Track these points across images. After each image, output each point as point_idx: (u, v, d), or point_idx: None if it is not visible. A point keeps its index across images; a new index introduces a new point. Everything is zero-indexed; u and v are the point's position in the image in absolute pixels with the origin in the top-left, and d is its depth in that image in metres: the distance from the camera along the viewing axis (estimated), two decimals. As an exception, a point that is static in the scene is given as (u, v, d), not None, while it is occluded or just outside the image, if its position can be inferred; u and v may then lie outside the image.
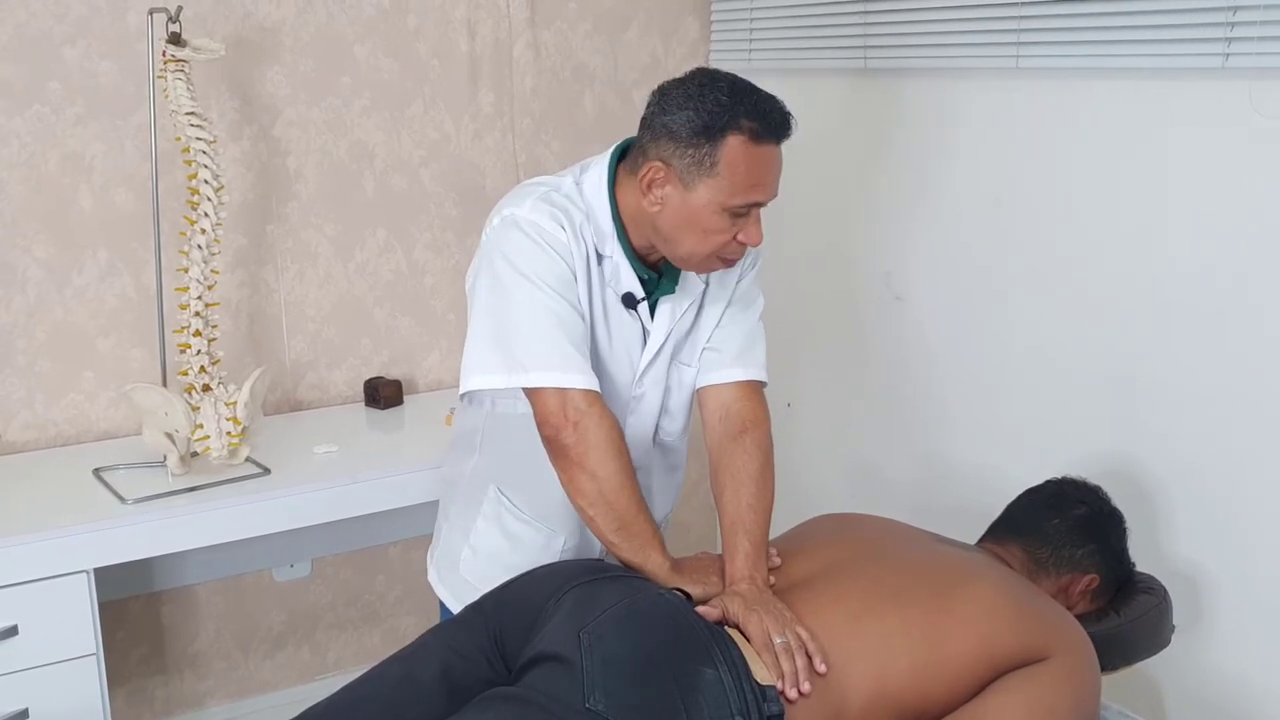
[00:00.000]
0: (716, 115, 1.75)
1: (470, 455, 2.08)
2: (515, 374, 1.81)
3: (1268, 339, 2.13)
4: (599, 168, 1.92)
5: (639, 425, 2.00)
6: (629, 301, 1.92)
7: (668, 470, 2.12)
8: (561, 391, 1.80)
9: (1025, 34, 2.42)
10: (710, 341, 2.01)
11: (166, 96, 2.32)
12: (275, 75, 2.76)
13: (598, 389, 1.83)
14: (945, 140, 2.69)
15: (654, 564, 1.83)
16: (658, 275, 1.94)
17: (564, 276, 1.83)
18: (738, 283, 2.02)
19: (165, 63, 2.30)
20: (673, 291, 1.95)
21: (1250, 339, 2.16)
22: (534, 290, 1.81)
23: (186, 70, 2.32)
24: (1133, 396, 2.37)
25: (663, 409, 2.02)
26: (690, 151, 1.77)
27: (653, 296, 1.94)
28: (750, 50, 3.12)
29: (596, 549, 2.01)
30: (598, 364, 1.90)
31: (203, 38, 2.36)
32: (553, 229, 1.83)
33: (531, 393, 1.83)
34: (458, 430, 2.13)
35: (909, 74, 2.75)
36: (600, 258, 1.89)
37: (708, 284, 1.99)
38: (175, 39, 2.28)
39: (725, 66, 3.15)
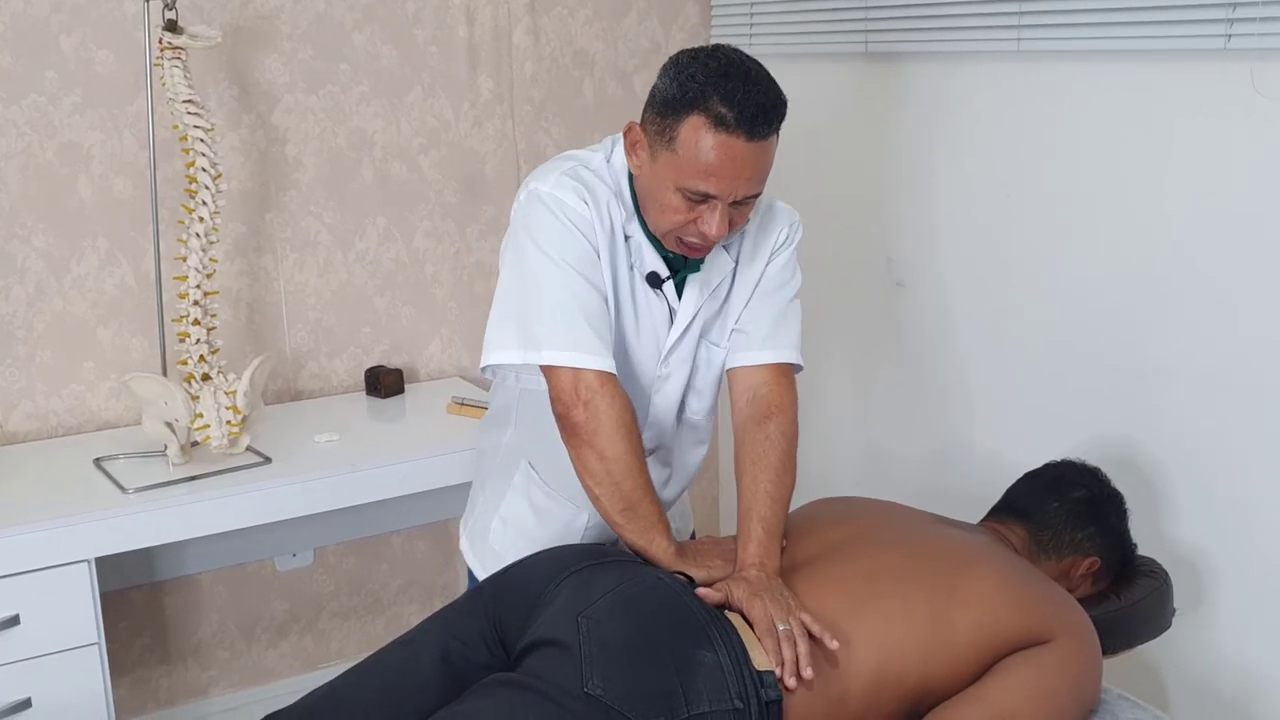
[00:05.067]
0: (687, 89, 1.69)
1: (505, 429, 2.09)
2: (530, 351, 1.80)
3: (1270, 322, 2.12)
4: (623, 144, 1.88)
5: (664, 404, 1.98)
6: (653, 281, 1.89)
7: (694, 445, 2.10)
8: (575, 371, 1.78)
9: (1026, 16, 2.41)
10: (739, 322, 1.98)
11: (163, 84, 2.31)
12: (273, 63, 2.75)
13: (613, 370, 1.80)
14: (946, 124, 2.68)
15: (658, 547, 1.83)
16: (683, 256, 1.90)
17: (585, 253, 1.81)
18: (768, 262, 1.97)
19: (162, 50, 2.29)
20: (698, 270, 1.91)
21: (1253, 322, 2.15)
22: (553, 268, 1.79)
23: (183, 58, 2.31)
24: (1136, 380, 2.36)
25: (689, 387, 2.00)
26: (658, 120, 1.73)
27: (679, 275, 1.91)
28: (750, 35, 3.10)
29: None
30: (622, 343, 1.89)
31: (200, 25, 2.35)
32: (575, 204, 1.80)
33: (546, 370, 1.81)
34: (494, 404, 2.14)
35: (910, 58, 2.73)
36: (626, 236, 1.86)
37: (738, 261, 1.95)
38: (172, 26, 2.28)
39: (725, 52, 3.19)
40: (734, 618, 1.68)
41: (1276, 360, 2.12)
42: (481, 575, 2.06)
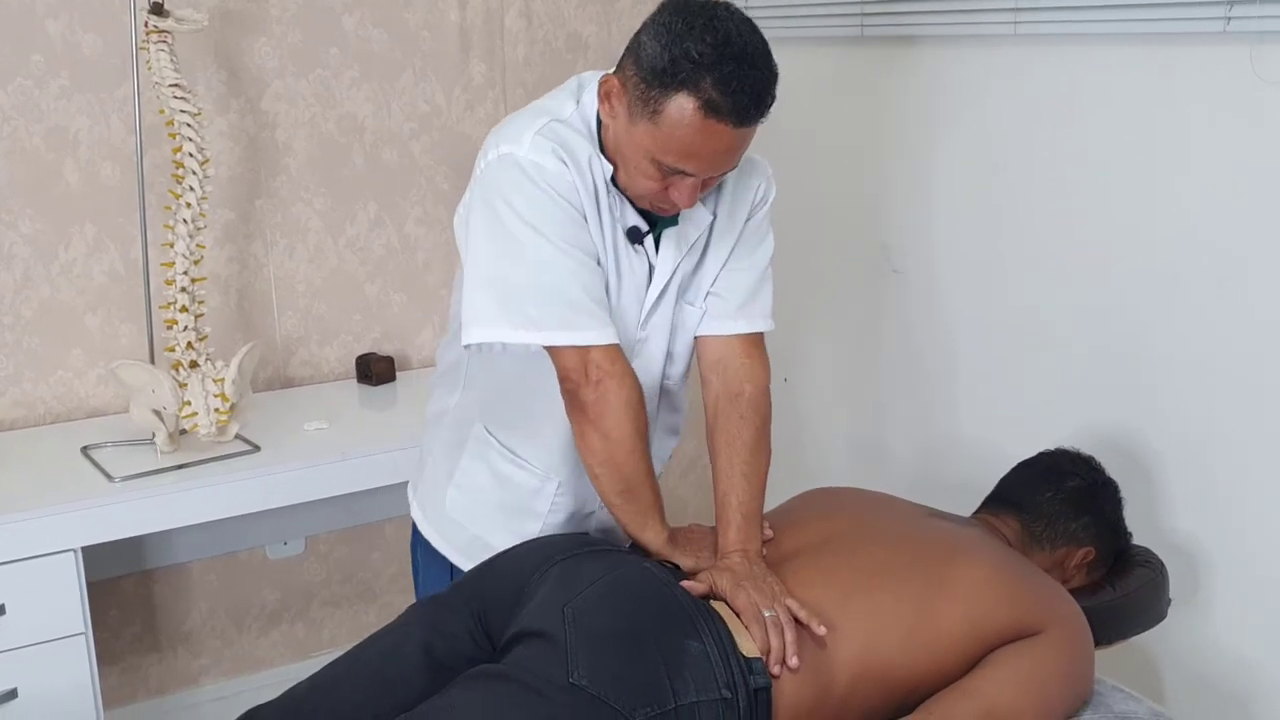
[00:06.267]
0: (680, 64, 1.57)
1: (454, 390, 1.98)
2: (528, 331, 1.69)
3: (1268, 309, 2.10)
4: (592, 89, 1.75)
5: (644, 369, 1.86)
6: (634, 236, 1.79)
7: (669, 411, 2.02)
8: (581, 349, 1.70)
9: (1023, -1, 2.39)
10: (715, 286, 1.88)
11: (149, 69, 2.28)
12: (262, 47, 2.72)
13: (617, 340, 1.72)
14: (943, 108, 2.66)
15: (652, 531, 1.80)
16: None
17: (574, 220, 1.70)
18: (747, 220, 1.88)
19: (148, 34, 2.27)
20: (675, 224, 1.81)
21: (1251, 310, 2.13)
22: (542, 242, 1.68)
23: (170, 42, 2.28)
24: (1133, 369, 2.34)
25: (667, 354, 1.91)
26: (642, 86, 1.61)
27: (656, 230, 1.81)
28: (745, 19, 3.08)
29: (596, 499, 1.92)
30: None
31: (186, 8, 2.33)
32: (556, 169, 1.68)
33: (550, 348, 1.73)
34: (442, 364, 2.03)
35: (905, 41, 2.71)
36: (608, 189, 1.75)
37: (715, 215, 1.85)
38: (158, 9, 2.25)
39: (720, 36, 3.17)
40: (719, 606, 1.66)
41: (1272, 347, 2.10)
42: (442, 546, 2.01)
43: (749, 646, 1.60)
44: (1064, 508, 1.95)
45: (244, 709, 1.73)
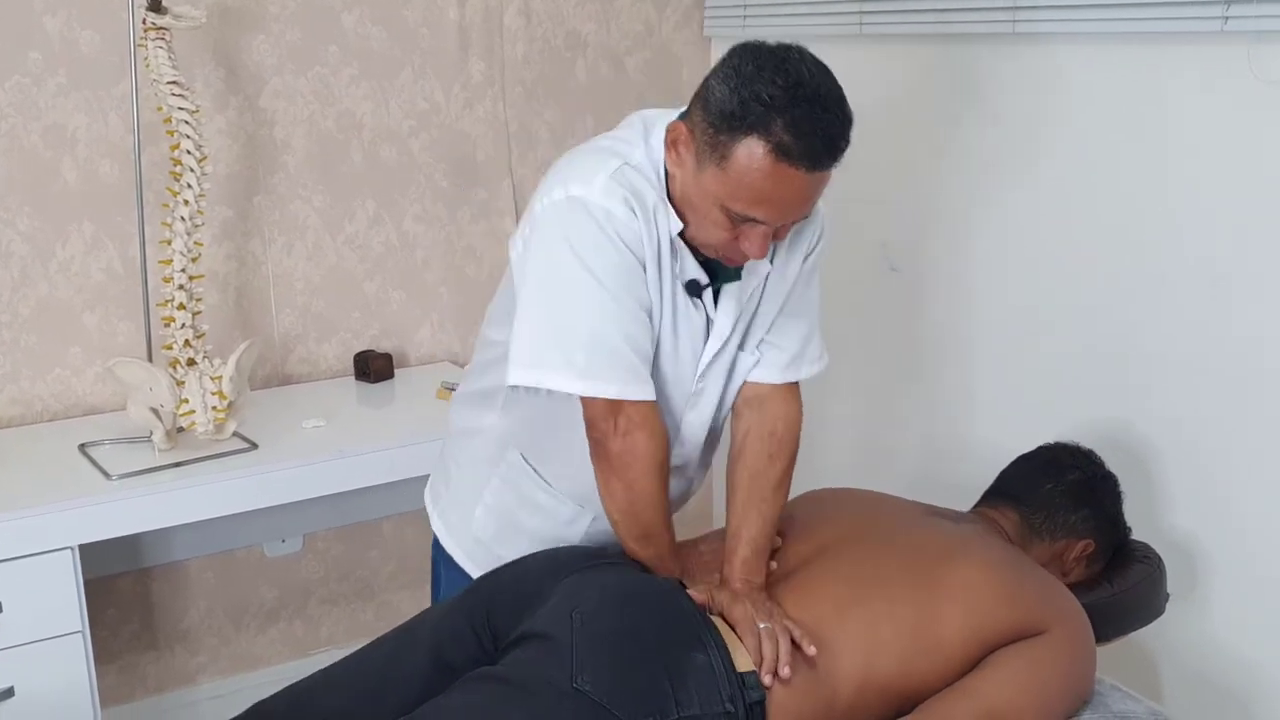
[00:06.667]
0: (750, 108, 1.52)
1: (488, 411, 1.94)
2: (571, 380, 1.66)
3: (1266, 307, 2.11)
4: (659, 133, 1.69)
5: (697, 420, 1.86)
6: (693, 289, 1.73)
7: (709, 449, 1.99)
8: (615, 402, 1.67)
9: (1021, -2, 2.39)
10: (770, 334, 1.86)
11: (148, 66, 2.28)
12: (261, 44, 2.72)
13: (653, 397, 1.70)
14: (941, 107, 2.66)
15: (664, 571, 1.80)
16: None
17: (633, 270, 1.65)
18: (804, 260, 1.83)
19: (146, 31, 2.27)
20: (739, 278, 1.76)
21: (1249, 307, 2.13)
22: (599, 290, 1.64)
23: (168, 39, 2.28)
24: (1131, 366, 2.34)
25: (720, 401, 1.87)
26: (711, 131, 1.56)
27: (716, 283, 1.76)
28: (745, 16, 3.07)
29: None
30: (660, 357, 1.76)
31: (184, 5, 2.32)
32: (626, 217, 1.63)
33: (584, 398, 1.70)
34: (478, 382, 1.97)
35: (905, 40, 2.71)
36: (672, 241, 1.69)
37: (773, 262, 1.79)
38: (155, 6, 2.25)
39: (719, 33, 3.18)
40: (717, 621, 1.67)
41: (1272, 345, 2.10)
42: (466, 564, 2.00)
43: (743, 661, 1.60)
44: (1063, 500, 1.95)
45: (242, 707, 1.74)
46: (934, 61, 2.65)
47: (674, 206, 1.68)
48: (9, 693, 2.15)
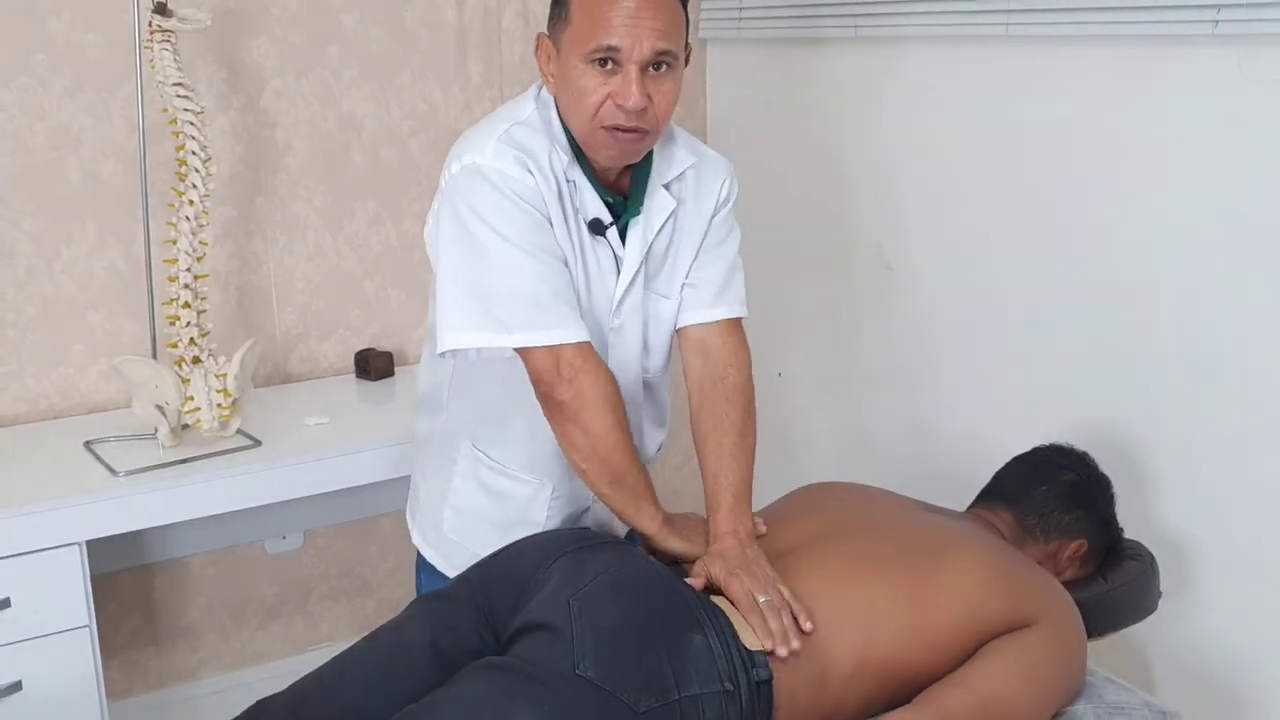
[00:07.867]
0: None
1: (439, 412, 2.02)
2: (499, 334, 1.74)
3: (1257, 307, 2.13)
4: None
5: (620, 359, 1.91)
6: (596, 228, 1.83)
7: (653, 402, 2.05)
8: (553, 349, 1.74)
9: (1015, 1, 2.41)
10: (689, 277, 1.94)
11: (153, 68, 2.30)
12: (263, 45, 2.74)
13: (588, 338, 1.77)
14: (935, 108, 2.68)
15: (646, 515, 1.84)
16: (623, 198, 1.86)
17: (539, 225, 1.75)
18: (712, 217, 1.94)
19: (151, 33, 2.29)
20: (639, 213, 1.86)
21: (1240, 307, 2.16)
22: (509, 247, 1.73)
23: (173, 41, 2.30)
24: (1123, 365, 2.37)
25: (644, 346, 1.95)
26: (554, 10, 1.75)
27: (621, 221, 1.86)
28: (740, 19, 3.10)
29: (588, 497, 1.97)
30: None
31: (189, 8, 2.34)
32: (519, 175, 1.74)
33: (522, 352, 1.77)
34: (423, 386, 2.06)
35: (899, 42, 2.74)
36: (571, 183, 1.80)
37: (681, 202, 1.90)
38: (161, 9, 2.27)
39: (715, 36, 3.21)
40: (720, 600, 1.69)
41: (1264, 343, 2.13)
42: (445, 568, 2.05)
43: (751, 639, 1.62)
44: (1057, 501, 1.98)
45: (243, 702, 1.74)
46: (929, 64, 2.68)
47: (566, 127, 1.79)
48: (17, 686, 2.17)
